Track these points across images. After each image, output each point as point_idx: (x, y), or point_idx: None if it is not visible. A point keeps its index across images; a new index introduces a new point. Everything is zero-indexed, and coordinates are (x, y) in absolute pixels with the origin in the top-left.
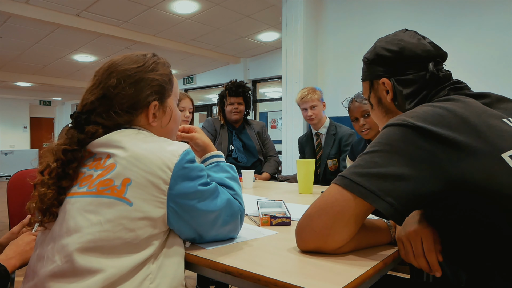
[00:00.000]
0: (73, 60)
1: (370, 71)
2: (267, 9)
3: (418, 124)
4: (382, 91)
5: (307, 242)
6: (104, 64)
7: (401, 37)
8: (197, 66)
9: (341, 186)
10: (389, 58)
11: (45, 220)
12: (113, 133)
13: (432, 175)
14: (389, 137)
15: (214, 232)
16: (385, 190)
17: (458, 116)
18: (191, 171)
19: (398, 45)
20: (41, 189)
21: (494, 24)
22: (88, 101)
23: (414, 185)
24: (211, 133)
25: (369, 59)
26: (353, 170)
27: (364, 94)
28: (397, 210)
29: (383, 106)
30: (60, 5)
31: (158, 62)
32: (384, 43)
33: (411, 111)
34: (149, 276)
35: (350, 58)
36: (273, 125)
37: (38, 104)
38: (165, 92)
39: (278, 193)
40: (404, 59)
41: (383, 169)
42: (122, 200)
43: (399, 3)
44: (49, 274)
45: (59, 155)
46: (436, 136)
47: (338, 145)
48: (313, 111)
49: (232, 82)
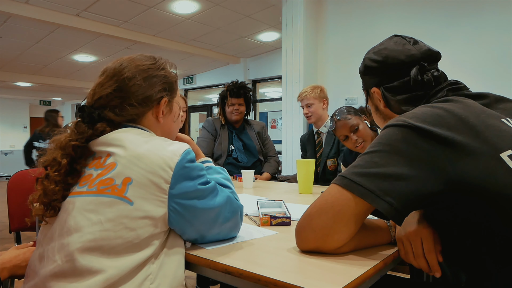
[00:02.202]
0: (73, 60)
1: (364, 82)
2: (267, 9)
3: (417, 125)
4: (376, 99)
5: (307, 242)
6: (113, 63)
7: (386, 46)
8: (197, 66)
9: (341, 186)
10: (375, 69)
11: (47, 214)
12: (114, 132)
13: (432, 175)
14: (389, 138)
15: (215, 230)
16: (384, 190)
17: (457, 116)
18: (191, 171)
19: (381, 54)
20: (46, 184)
21: (494, 25)
22: (103, 93)
23: (414, 185)
24: (211, 133)
25: (361, 71)
26: (353, 170)
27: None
28: (397, 210)
29: (380, 112)
30: (60, 5)
31: (167, 63)
32: (371, 54)
33: (410, 112)
34: (150, 277)
35: (350, 58)
36: (273, 125)
37: (38, 104)
38: (173, 91)
39: (278, 193)
40: (388, 67)
41: (383, 169)
42: (122, 199)
43: (399, 4)
44: (50, 274)
45: (69, 151)
46: (435, 136)
47: (337, 146)
48: (309, 109)
49: (234, 83)
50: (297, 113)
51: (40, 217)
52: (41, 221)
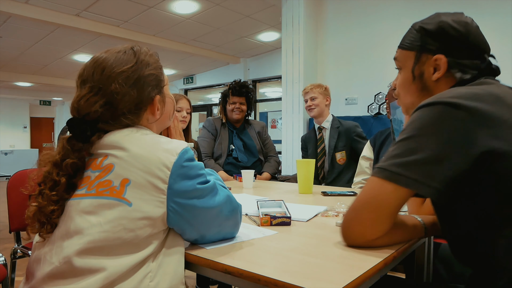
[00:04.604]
0: (73, 60)
1: (423, 42)
2: (267, 9)
3: (451, 100)
4: (430, 67)
5: (355, 236)
6: (90, 64)
7: (466, 20)
8: (197, 66)
9: (382, 178)
10: (452, 37)
11: (43, 231)
12: (110, 134)
13: (469, 152)
14: (422, 120)
15: (215, 229)
16: (428, 176)
17: (494, 95)
18: (190, 170)
19: (464, 27)
20: (42, 203)
21: (494, 25)
22: (91, 110)
23: (454, 165)
24: (212, 133)
25: (428, 30)
26: (392, 161)
27: (403, 62)
28: (442, 192)
29: (421, 81)
30: (60, 5)
31: (146, 54)
32: (451, 20)
33: (445, 92)
34: (149, 274)
35: (350, 58)
36: (273, 125)
37: (38, 104)
38: (161, 83)
39: (278, 193)
40: (467, 43)
41: (421, 154)
42: (121, 201)
43: (399, 3)
44: (47, 275)
45: (68, 171)
46: (470, 109)
47: (346, 137)
48: (312, 102)
49: (236, 82)
50: (297, 113)
51: (37, 234)
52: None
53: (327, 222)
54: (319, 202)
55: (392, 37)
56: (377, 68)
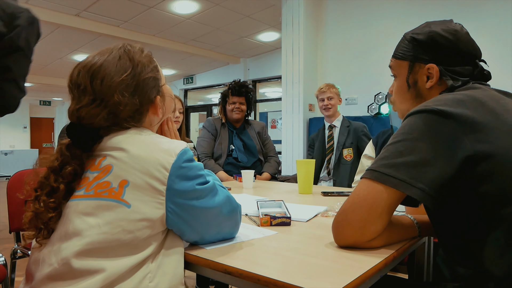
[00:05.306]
0: (73, 60)
1: (415, 52)
2: (267, 9)
3: (438, 108)
4: (423, 75)
5: (345, 237)
6: (84, 69)
7: (455, 28)
8: (197, 66)
9: (371, 179)
10: (443, 46)
11: (40, 237)
12: (112, 136)
13: (454, 156)
14: (411, 126)
15: (215, 230)
16: (415, 177)
17: (477, 100)
18: (189, 170)
19: (453, 35)
20: (40, 209)
21: (494, 25)
22: (94, 120)
23: (440, 169)
24: (212, 133)
25: (419, 41)
26: (381, 163)
27: (398, 71)
28: (429, 194)
29: (415, 89)
30: (60, 5)
31: (140, 54)
32: (440, 30)
33: (432, 99)
34: (149, 275)
35: (350, 58)
36: (273, 125)
37: (38, 104)
38: (159, 82)
39: (278, 193)
40: (457, 51)
41: (409, 157)
42: (120, 202)
43: (399, 3)
44: (46, 276)
45: (68, 178)
46: (455, 116)
47: (354, 135)
48: (329, 101)
49: (236, 82)
50: (297, 113)
51: (34, 240)
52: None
53: (327, 222)
54: (319, 202)
55: (392, 37)
56: (377, 68)
